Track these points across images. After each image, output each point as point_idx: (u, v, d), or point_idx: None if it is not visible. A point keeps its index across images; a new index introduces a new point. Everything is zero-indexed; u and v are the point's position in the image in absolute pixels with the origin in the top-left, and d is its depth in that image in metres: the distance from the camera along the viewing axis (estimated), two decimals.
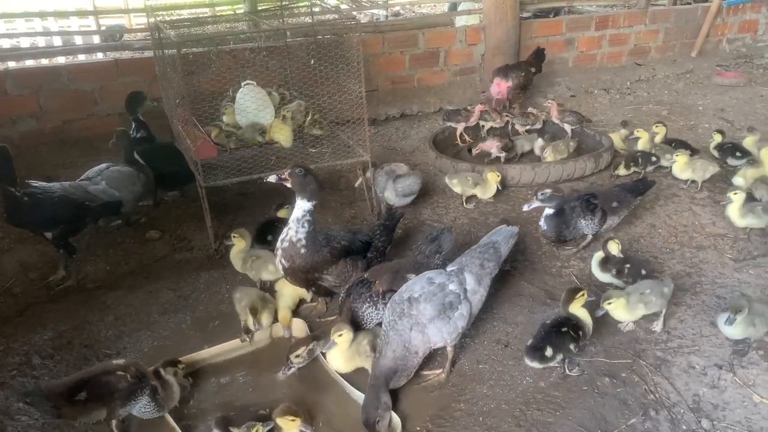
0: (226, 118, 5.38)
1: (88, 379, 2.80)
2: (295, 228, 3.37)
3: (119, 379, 2.80)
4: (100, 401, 2.76)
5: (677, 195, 4.95)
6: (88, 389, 2.75)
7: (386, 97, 7.40)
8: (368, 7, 13.35)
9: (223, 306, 3.83)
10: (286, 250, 3.40)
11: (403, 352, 2.98)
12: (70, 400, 2.72)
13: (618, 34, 8.67)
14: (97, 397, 2.76)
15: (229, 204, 5.13)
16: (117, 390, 2.78)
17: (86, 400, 2.74)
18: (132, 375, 2.83)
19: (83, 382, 2.78)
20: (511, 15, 7.51)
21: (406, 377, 3.04)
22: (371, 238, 3.88)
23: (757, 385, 3.03)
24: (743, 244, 4.25)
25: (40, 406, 2.72)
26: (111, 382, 2.79)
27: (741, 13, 9.35)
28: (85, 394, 2.74)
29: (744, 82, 7.94)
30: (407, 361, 3.00)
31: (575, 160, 5.22)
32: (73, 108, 6.38)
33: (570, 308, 3.19)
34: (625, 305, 3.35)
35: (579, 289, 3.24)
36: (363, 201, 5.01)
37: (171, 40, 4.18)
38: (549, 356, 3.09)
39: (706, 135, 6.26)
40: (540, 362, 3.11)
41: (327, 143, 5.14)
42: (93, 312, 3.79)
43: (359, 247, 3.70)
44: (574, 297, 3.20)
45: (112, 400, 2.78)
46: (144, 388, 2.84)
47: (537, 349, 3.12)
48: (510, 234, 3.49)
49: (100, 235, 4.71)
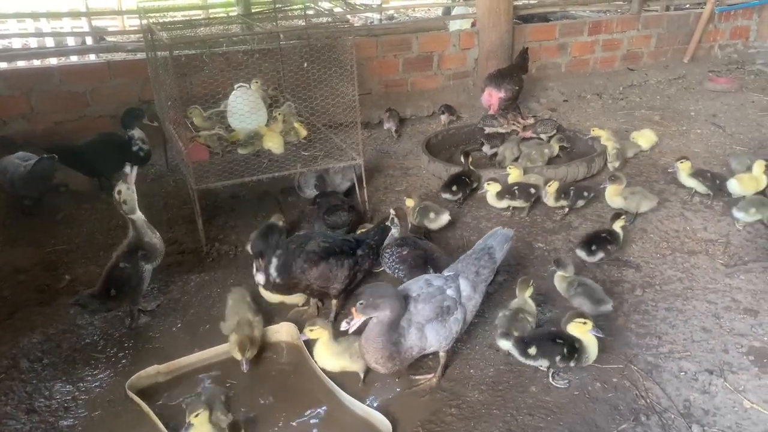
0: (197, 120, 5.37)
1: (109, 279, 3.51)
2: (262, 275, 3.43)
3: (123, 271, 3.54)
4: (124, 292, 3.54)
5: (669, 200, 4.97)
6: (115, 287, 3.50)
7: (380, 100, 7.40)
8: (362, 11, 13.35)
9: (214, 310, 3.81)
10: (264, 285, 3.47)
11: (400, 338, 2.91)
12: (108, 297, 3.50)
13: (611, 39, 8.71)
14: (122, 289, 3.53)
15: (220, 207, 5.11)
16: (128, 277, 3.55)
17: (117, 294, 3.52)
18: (128, 262, 3.57)
19: (108, 282, 3.51)
20: (504, 20, 7.53)
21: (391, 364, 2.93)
22: (365, 237, 3.88)
23: (747, 390, 3.03)
24: (734, 249, 4.27)
25: (91, 306, 3.49)
26: (123, 275, 3.53)
27: (733, 19, 9.41)
28: (114, 291, 3.50)
29: (736, 88, 7.98)
30: (400, 346, 2.91)
31: (568, 165, 5.23)
32: (64, 109, 6.35)
33: (568, 329, 3.12)
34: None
35: (582, 315, 3.13)
36: None
37: (163, 42, 4.17)
38: (531, 354, 3.09)
39: (698, 140, 6.29)
40: (520, 355, 3.12)
41: (320, 146, 5.13)
42: (82, 315, 3.75)
43: (344, 246, 3.66)
44: (572, 319, 3.12)
45: (130, 287, 3.56)
46: (138, 260, 3.59)
47: (523, 342, 3.12)
48: (505, 238, 3.46)
49: (90, 237, 4.68)
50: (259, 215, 4.90)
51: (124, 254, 3.61)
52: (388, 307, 2.84)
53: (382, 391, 3.13)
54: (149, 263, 3.68)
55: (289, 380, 3.24)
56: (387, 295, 2.87)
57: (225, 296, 3.63)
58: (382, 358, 2.90)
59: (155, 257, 3.72)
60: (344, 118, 4.91)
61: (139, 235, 3.66)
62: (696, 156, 5.84)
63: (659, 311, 3.65)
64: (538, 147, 5.60)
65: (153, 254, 3.70)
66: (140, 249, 3.63)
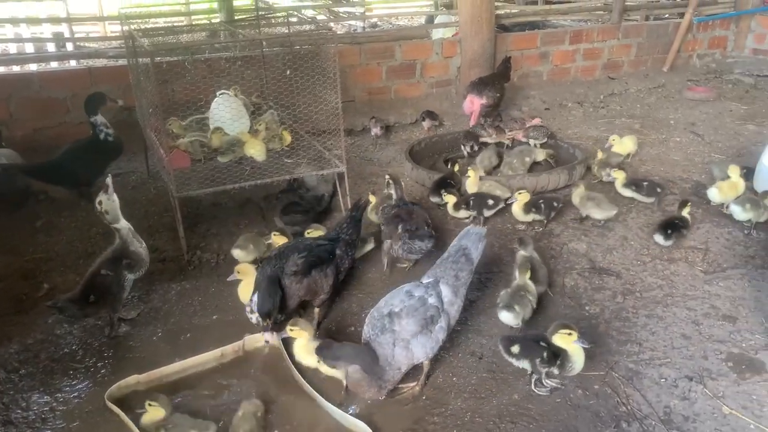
0: (176, 131, 5.34)
1: (89, 285, 3.47)
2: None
3: (105, 278, 3.50)
4: (104, 299, 3.49)
5: (649, 207, 5.02)
6: (94, 293, 3.46)
7: (363, 107, 7.41)
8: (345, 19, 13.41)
9: (196, 318, 3.77)
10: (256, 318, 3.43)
11: (384, 365, 2.96)
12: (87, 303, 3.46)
13: (592, 48, 8.81)
14: (102, 296, 3.48)
15: (202, 214, 5.07)
16: (109, 285, 3.51)
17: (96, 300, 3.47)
18: (111, 270, 3.53)
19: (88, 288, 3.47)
20: (486, 28, 7.58)
21: (385, 391, 3.02)
22: (338, 233, 3.83)
23: (726, 396, 3.06)
24: (713, 256, 4.32)
25: (69, 311, 3.45)
26: (104, 282, 3.49)
27: (711, 29, 9.57)
28: (94, 297, 3.46)
29: (714, 96, 8.11)
30: (384, 374, 2.98)
31: (549, 173, 5.26)
32: (44, 116, 6.28)
33: (554, 340, 3.12)
34: None
35: (567, 326, 3.12)
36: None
37: (145, 48, 4.14)
38: (514, 353, 3.11)
39: (677, 148, 6.37)
40: (504, 352, 3.16)
41: (303, 153, 5.12)
42: (60, 324, 3.71)
43: (321, 252, 3.59)
44: (557, 330, 3.11)
45: (110, 294, 3.51)
46: (122, 269, 3.56)
47: (509, 341, 3.16)
48: (478, 237, 3.42)
49: (70, 245, 4.62)
50: (241, 223, 4.88)
51: (107, 261, 3.57)
52: (351, 362, 2.94)
53: (365, 399, 3.12)
54: (132, 273, 3.65)
55: (270, 389, 3.21)
56: (342, 358, 2.95)
57: (238, 403, 3.03)
58: (374, 393, 3.04)
59: (139, 267, 3.69)
60: (327, 126, 4.91)
61: (125, 244, 3.63)
62: (675, 164, 5.92)
63: (640, 318, 3.68)
64: (520, 155, 5.63)
65: (137, 264, 3.67)
66: (125, 258, 3.60)
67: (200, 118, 5.63)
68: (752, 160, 5.23)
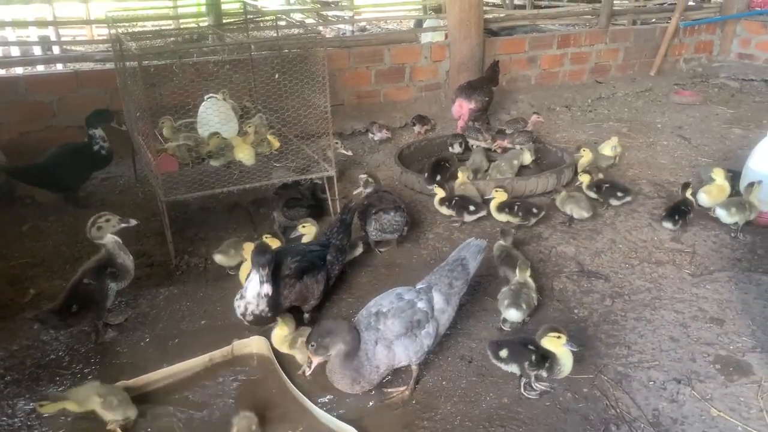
0: (166, 132, 5.31)
1: (72, 294, 3.42)
2: (255, 302, 3.34)
3: (88, 287, 3.45)
4: (87, 308, 3.44)
5: (637, 210, 5.05)
6: (77, 302, 3.40)
7: (352, 111, 7.41)
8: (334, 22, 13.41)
9: (183, 323, 3.75)
10: (253, 321, 3.40)
11: (363, 360, 2.96)
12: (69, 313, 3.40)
13: (579, 52, 8.86)
14: (84, 305, 3.43)
15: (190, 218, 5.04)
16: (92, 294, 3.46)
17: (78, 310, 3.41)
18: (94, 278, 3.48)
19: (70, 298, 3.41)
20: (475, 33, 7.61)
21: (359, 387, 3.01)
22: (328, 238, 3.83)
23: (714, 398, 3.08)
24: (701, 259, 4.35)
25: (51, 322, 3.39)
26: (87, 291, 3.44)
27: (697, 34, 9.64)
28: (76, 307, 3.40)
29: (700, 100, 8.17)
30: (362, 370, 2.97)
31: (538, 177, 5.28)
32: (30, 120, 6.23)
33: (543, 344, 3.12)
34: None
35: (556, 329, 3.12)
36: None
37: (132, 52, 4.12)
38: (503, 357, 3.12)
39: (664, 152, 6.41)
40: (493, 357, 3.17)
41: (292, 157, 5.11)
42: (47, 330, 3.65)
43: (313, 258, 3.61)
44: (546, 334, 3.11)
45: (93, 303, 3.47)
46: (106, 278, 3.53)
47: (497, 345, 3.17)
48: (478, 249, 3.47)
49: (56, 250, 4.58)
50: (229, 227, 4.85)
51: (90, 270, 3.54)
52: (340, 341, 2.93)
53: (355, 404, 3.11)
54: (116, 282, 3.62)
55: (260, 394, 3.19)
56: (334, 332, 2.94)
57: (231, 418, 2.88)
58: (346, 384, 3.01)
59: (124, 278, 3.67)
60: (316, 129, 4.90)
61: (111, 257, 3.61)
62: (663, 167, 5.96)
63: (628, 321, 3.70)
64: (508, 158, 5.64)
65: (122, 275, 3.65)
66: (110, 266, 3.58)
67: (189, 122, 5.60)
68: (738, 164, 5.27)
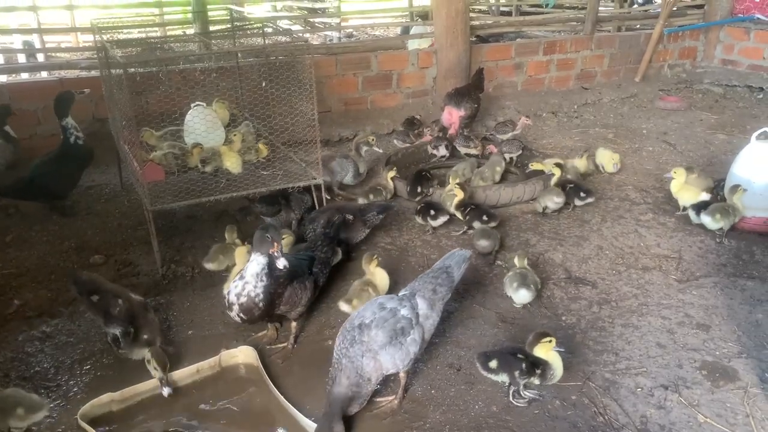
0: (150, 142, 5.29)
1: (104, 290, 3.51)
2: (253, 283, 3.24)
3: (115, 305, 3.42)
4: (99, 310, 3.46)
5: (623, 217, 5.08)
6: (100, 297, 3.47)
7: (339, 118, 7.41)
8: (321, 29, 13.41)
9: (170, 334, 3.72)
10: (244, 305, 3.26)
11: (356, 379, 2.95)
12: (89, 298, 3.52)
13: (565, 58, 8.91)
14: (98, 307, 3.46)
15: (177, 227, 5.01)
16: (107, 309, 3.42)
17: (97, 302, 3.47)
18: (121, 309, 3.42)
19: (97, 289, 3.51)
20: (461, 39, 7.64)
21: (359, 405, 3.01)
22: (313, 251, 3.84)
23: (701, 405, 3.10)
24: (687, 265, 4.38)
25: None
26: (110, 303, 3.43)
27: (681, 40, 9.74)
28: (97, 298, 3.48)
29: (685, 106, 8.25)
30: (361, 388, 2.97)
31: (525, 184, 5.30)
32: (14, 128, 6.12)
33: (535, 351, 3.14)
34: None
35: (546, 334, 3.16)
36: None
37: (117, 60, 4.09)
38: (492, 368, 3.12)
39: (650, 158, 6.46)
40: (482, 368, 3.17)
41: (279, 165, 5.09)
42: (32, 341, 3.63)
43: (303, 266, 3.62)
44: (539, 341, 3.14)
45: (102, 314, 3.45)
46: (118, 324, 3.39)
47: (485, 356, 3.17)
48: (462, 258, 3.50)
49: (41, 260, 4.53)
50: (216, 236, 4.82)
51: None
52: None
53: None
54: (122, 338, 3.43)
55: (248, 403, 3.17)
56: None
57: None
58: (354, 410, 3.01)
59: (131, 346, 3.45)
60: (304, 136, 4.88)
61: None
62: (648, 173, 6.01)
63: (616, 327, 3.71)
64: (491, 165, 5.66)
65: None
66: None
67: (174, 129, 5.57)
68: (723, 169, 5.32)
